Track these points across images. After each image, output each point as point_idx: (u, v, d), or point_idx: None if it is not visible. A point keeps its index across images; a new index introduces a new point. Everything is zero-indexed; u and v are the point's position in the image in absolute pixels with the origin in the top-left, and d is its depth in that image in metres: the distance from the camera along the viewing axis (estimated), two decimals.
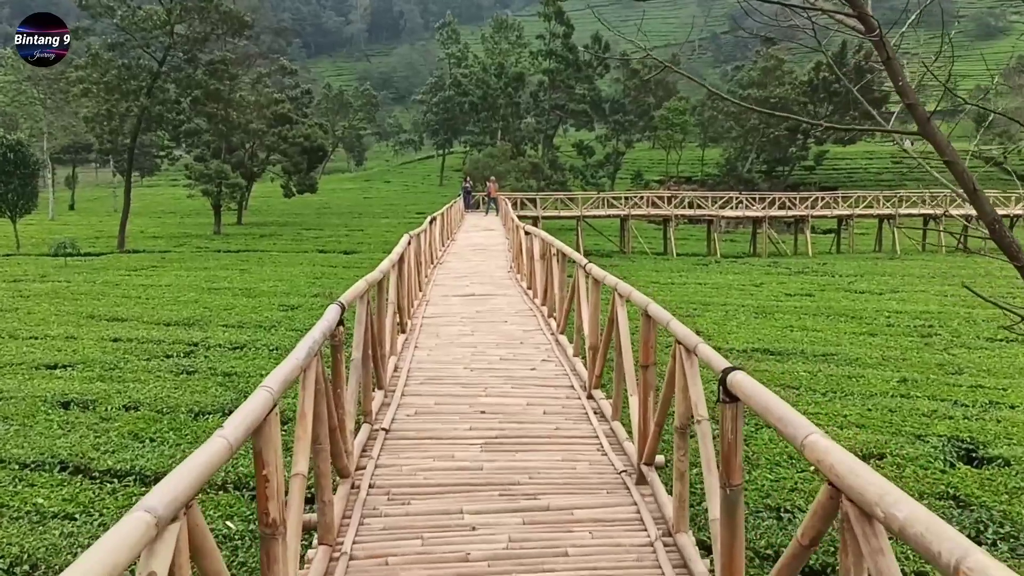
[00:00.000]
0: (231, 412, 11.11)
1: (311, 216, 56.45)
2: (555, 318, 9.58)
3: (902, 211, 41.15)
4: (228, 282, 26.94)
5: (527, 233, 13.15)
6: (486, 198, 40.72)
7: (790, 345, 18.17)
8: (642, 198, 42.59)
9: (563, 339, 9.12)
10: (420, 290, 12.34)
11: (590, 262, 6.86)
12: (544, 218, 40.68)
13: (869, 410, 13.03)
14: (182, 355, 16.06)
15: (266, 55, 74.62)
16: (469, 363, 7.81)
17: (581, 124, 77.17)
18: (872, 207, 41.64)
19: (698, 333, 5.07)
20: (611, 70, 70.75)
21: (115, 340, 17.56)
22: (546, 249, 10.61)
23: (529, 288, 12.66)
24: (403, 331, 8.86)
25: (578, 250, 38.17)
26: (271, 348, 16.44)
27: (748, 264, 36.01)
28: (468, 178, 48.23)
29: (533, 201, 42.03)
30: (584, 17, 71.64)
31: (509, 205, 28.21)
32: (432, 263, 16.32)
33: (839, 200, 42.29)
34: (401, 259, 8.61)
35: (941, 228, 38.35)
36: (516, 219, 17.38)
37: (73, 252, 30.91)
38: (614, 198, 43.37)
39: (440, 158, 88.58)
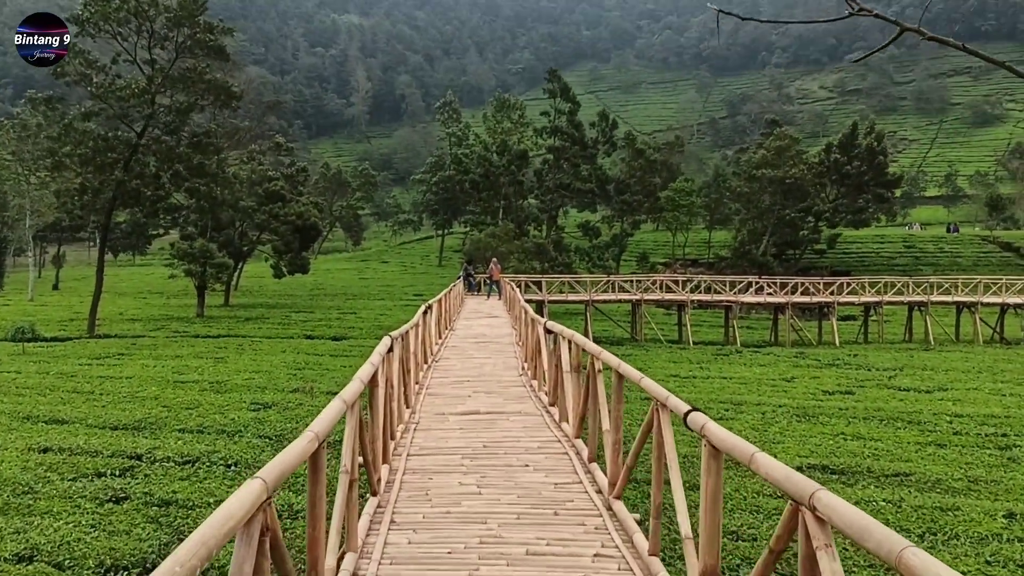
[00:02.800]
0: (152, 567, 7.55)
1: (303, 297, 53.84)
2: (599, 465, 6.55)
3: (934, 298, 38.42)
4: (198, 373, 24.06)
5: (548, 331, 10.09)
6: (488, 280, 38.05)
7: (850, 460, 15.24)
8: (654, 282, 39.98)
9: (620, 508, 5.91)
10: (408, 406, 9.38)
11: (695, 409, 3.79)
12: (551, 302, 38.02)
13: (989, 563, 10.19)
14: (117, 473, 13.10)
15: (266, 134, 73.21)
16: (477, 565, 4.78)
17: (584, 205, 75.34)
18: (902, 293, 38.96)
19: None
20: (617, 149, 69.23)
21: (44, 451, 14.65)
22: (584, 359, 7.56)
23: (552, 404, 9.67)
24: (375, 492, 5.91)
25: (587, 336, 35.34)
26: (228, 464, 13.52)
27: (772, 355, 33.14)
28: (469, 259, 45.76)
29: (538, 284, 39.46)
30: (584, 102, 70.89)
31: (518, 291, 25.30)
32: (426, 362, 13.35)
33: (865, 286, 39.64)
34: (374, 379, 5.87)
35: (977, 317, 35.64)
36: (529, 309, 14.25)
37: (32, 337, 28.05)
38: (625, 281, 40.78)
39: (439, 238, 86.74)
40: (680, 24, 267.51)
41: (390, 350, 7.25)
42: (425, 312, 13.56)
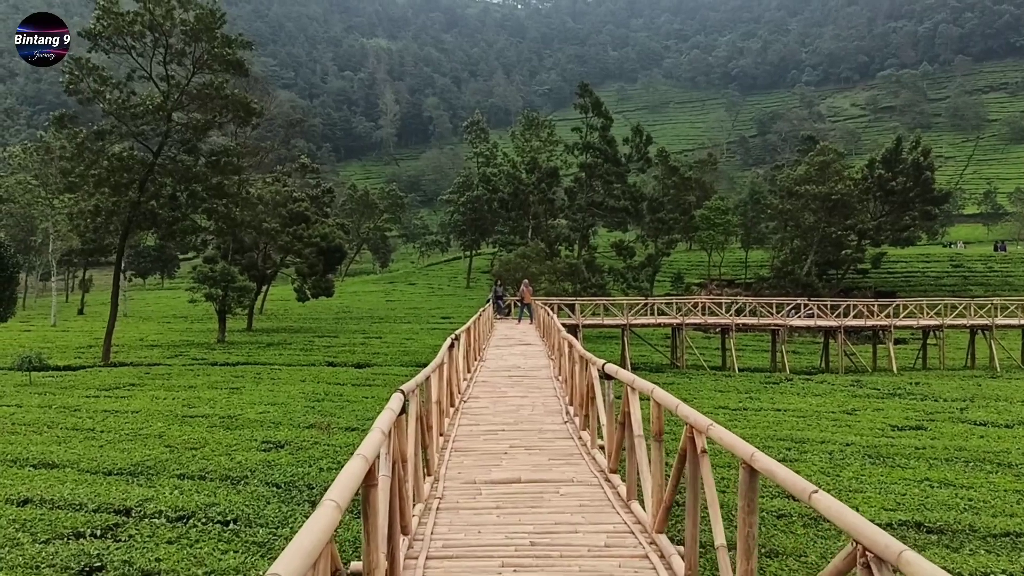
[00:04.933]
0: None
1: (328, 321, 52.35)
2: None
3: (999, 321, 35.80)
4: (210, 406, 22.40)
5: (607, 376, 7.85)
6: (519, 303, 36.05)
7: (947, 515, 13.00)
8: (696, 304, 37.80)
9: None
10: (429, 473, 7.43)
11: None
12: (585, 326, 36.02)
13: None
14: (97, 533, 11.30)
15: (293, 156, 72.06)
16: None
17: (615, 224, 73.14)
18: (964, 316, 36.35)
19: None
20: (652, 165, 67.04)
21: (23, 503, 12.93)
22: (676, 426, 5.33)
23: (613, 471, 7.77)
24: None
25: (623, 365, 33.13)
26: (225, 521, 11.68)
27: (827, 383, 30.82)
28: (499, 280, 43.89)
29: (571, 307, 37.48)
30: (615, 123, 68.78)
31: (556, 317, 23.24)
32: (453, 405, 11.34)
33: (923, 307, 37.11)
34: (371, 475, 3.90)
35: None
36: (575, 342, 11.88)
37: (40, 366, 26.59)
38: (664, 304, 38.61)
39: (467, 259, 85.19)
40: (707, 43, 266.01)
41: (402, 412, 5.32)
42: (451, 346, 11.58)
